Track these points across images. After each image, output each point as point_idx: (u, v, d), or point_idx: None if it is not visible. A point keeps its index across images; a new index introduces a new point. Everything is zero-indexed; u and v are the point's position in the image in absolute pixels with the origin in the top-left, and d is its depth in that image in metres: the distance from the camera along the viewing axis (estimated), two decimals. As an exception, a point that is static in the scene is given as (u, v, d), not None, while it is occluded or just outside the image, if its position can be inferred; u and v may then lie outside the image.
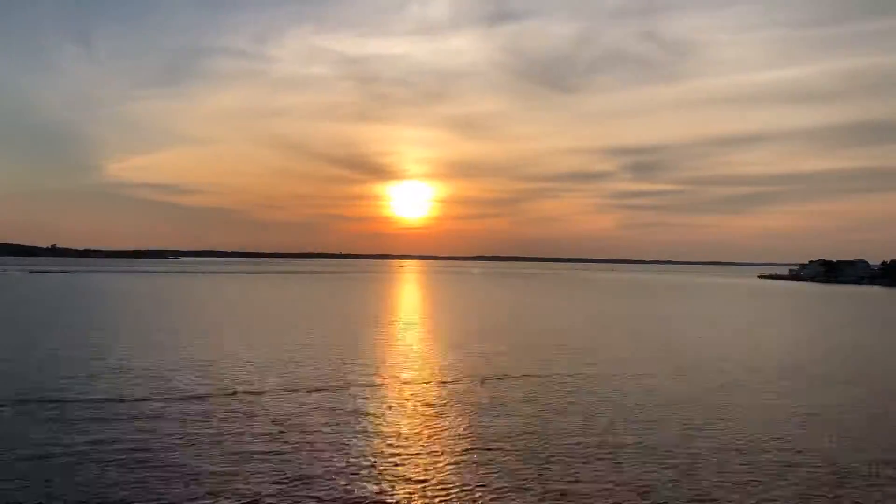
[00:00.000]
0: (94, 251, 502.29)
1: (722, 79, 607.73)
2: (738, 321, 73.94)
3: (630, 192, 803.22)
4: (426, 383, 33.59)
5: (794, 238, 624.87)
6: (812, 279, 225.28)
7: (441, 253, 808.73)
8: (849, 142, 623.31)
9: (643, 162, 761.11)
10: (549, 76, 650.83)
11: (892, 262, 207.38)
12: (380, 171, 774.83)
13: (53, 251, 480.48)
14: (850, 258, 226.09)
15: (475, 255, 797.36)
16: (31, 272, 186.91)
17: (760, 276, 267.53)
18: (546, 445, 22.86)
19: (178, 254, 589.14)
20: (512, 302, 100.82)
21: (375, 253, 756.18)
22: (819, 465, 21.30)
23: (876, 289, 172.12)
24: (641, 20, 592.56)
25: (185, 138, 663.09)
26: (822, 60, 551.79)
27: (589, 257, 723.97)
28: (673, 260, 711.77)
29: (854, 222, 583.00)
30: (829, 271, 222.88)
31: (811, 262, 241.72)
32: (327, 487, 18.60)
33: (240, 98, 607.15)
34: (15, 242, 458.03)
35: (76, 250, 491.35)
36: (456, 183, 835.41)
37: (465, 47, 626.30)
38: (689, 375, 36.99)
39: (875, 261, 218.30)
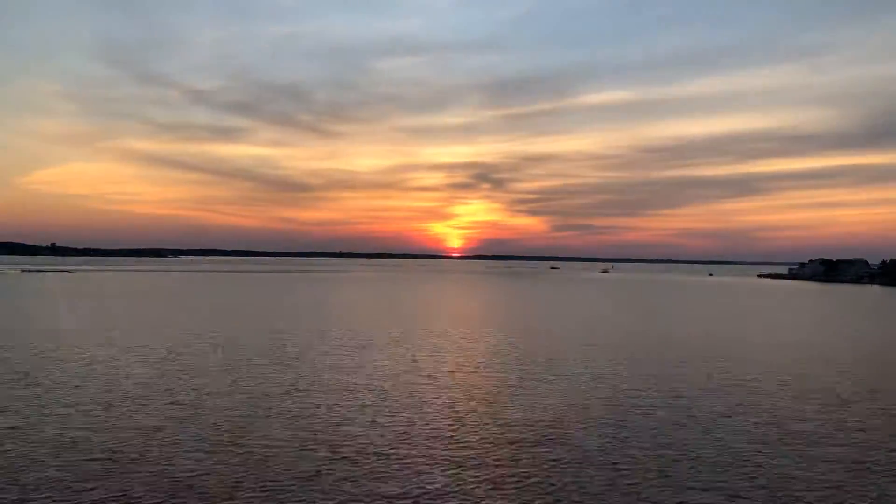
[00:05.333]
0: (94, 250, 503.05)
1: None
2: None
3: (519, 199, 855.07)
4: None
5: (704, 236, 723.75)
6: (811, 278, 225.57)
7: (428, 252, 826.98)
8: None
9: (482, 175, 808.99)
10: (299, 119, 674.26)
11: (892, 261, 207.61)
12: (281, 182, 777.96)
13: (53, 250, 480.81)
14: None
15: (470, 254, 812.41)
16: (24, 271, 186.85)
17: (759, 276, 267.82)
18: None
19: (177, 252, 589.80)
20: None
21: (370, 252, 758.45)
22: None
23: (875, 287, 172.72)
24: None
25: (62, 157, 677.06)
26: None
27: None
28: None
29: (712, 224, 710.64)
30: (828, 270, 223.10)
31: (811, 261, 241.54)
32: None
33: (56, 125, 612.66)
34: (15, 241, 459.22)
35: (75, 249, 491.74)
36: (361, 193, 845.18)
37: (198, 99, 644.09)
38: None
39: (875, 260, 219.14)
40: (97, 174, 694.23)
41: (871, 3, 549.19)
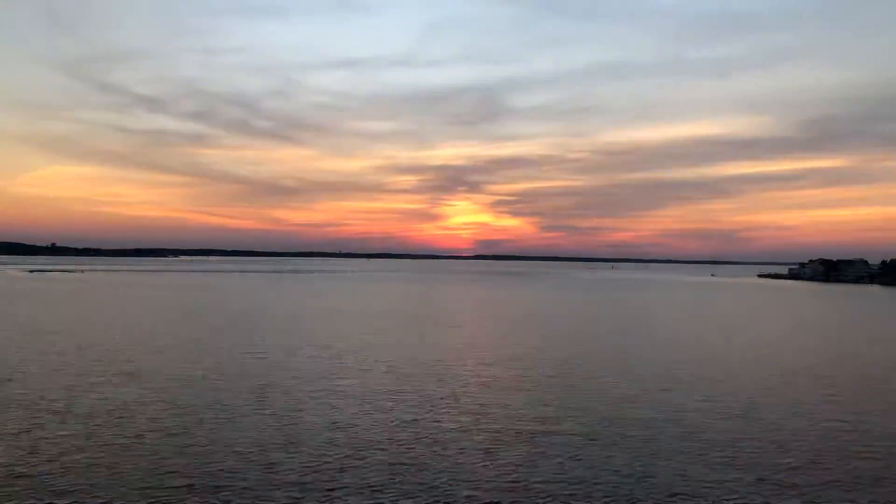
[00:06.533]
0: (94, 250, 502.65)
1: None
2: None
3: (499, 201, 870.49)
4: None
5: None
6: (812, 278, 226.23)
7: (432, 253, 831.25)
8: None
9: (454, 178, 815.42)
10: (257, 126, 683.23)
11: (892, 261, 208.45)
12: (265, 184, 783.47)
13: (52, 250, 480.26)
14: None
15: (471, 254, 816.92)
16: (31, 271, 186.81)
17: (759, 276, 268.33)
18: None
19: (176, 252, 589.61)
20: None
21: (370, 252, 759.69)
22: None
23: (876, 287, 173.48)
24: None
25: (43, 162, 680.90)
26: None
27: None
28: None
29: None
30: (828, 270, 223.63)
31: (811, 261, 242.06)
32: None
33: (25, 131, 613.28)
34: (15, 242, 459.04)
35: (75, 249, 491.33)
36: (344, 195, 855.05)
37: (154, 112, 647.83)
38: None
39: (875, 260, 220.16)
40: (81, 178, 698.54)
41: (771, 18, 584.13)
